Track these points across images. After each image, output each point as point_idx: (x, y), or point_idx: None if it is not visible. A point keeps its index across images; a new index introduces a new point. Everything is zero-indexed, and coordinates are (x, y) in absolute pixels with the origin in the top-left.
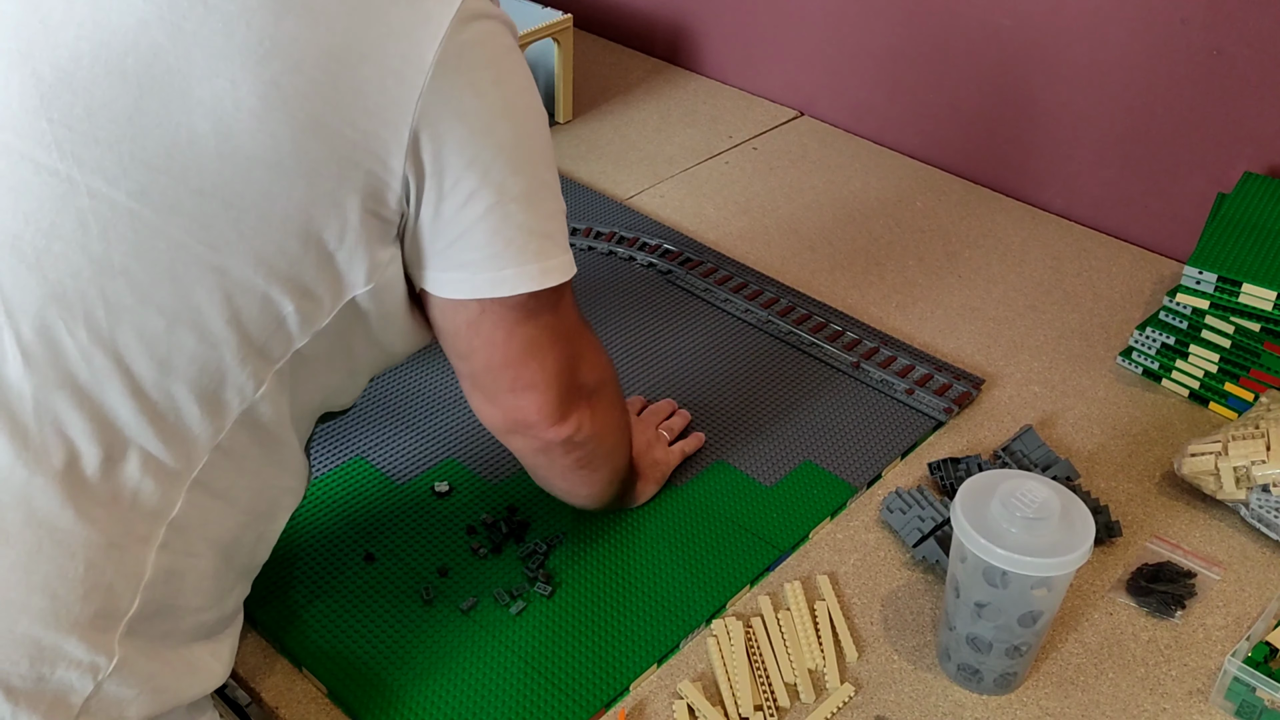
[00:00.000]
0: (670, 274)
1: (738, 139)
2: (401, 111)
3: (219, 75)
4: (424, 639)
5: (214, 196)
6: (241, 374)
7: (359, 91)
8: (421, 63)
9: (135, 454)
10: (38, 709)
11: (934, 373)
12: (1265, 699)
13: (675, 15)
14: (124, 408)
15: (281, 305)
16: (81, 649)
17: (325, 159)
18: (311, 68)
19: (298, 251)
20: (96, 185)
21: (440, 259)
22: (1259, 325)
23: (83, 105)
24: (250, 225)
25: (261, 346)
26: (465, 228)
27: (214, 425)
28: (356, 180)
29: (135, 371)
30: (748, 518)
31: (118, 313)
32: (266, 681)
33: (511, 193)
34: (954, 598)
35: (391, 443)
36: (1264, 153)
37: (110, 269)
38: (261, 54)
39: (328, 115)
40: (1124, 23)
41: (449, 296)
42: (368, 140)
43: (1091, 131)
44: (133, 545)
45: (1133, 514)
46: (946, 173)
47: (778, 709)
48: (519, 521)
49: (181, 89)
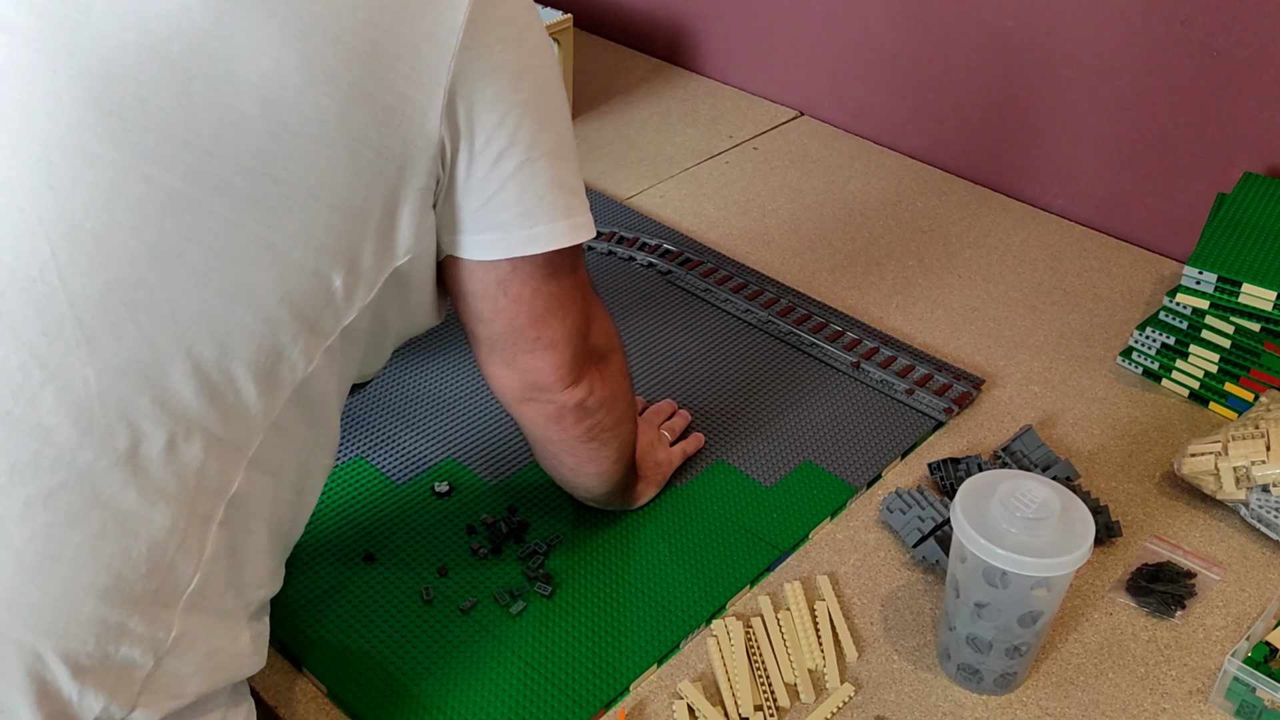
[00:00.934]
0: (670, 274)
1: (738, 139)
2: (436, 74)
3: (263, 54)
4: (424, 639)
5: (264, 174)
6: (294, 351)
7: (397, 56)
8: (453, 24)
9: (198, 435)
10: (104, 687)
11: (934, 373)
12: (1265, 699)
13: (675, 15)
14: (186, 389)
15: (331, 280)
16: (143, 625)
17: (366, 127)
18: (351, 36)
19: (343, 226)
20: (150, 171)
21: (473, 221)
22: (1259, 325)
23: (133, 95)
24: (299, 201)
25: (313, 323)
26: (497, 187)
27: (269, 403)
28: (396, 149)
29: (196, 353)
30: (748, 518)
31: (177, 296)
32: (266, 681)
33: (541, 148)
34: (954, 598)
35: (391, 443)
36: (1264, 153)
37: (168, 253)
38: (302, 29)
39: (368, 83)
40: (1124, 23)
41: (483, 259)
42: (405, 105)
43: (1092, 132)
44: (195, 524)
45: (1133, 514)
46: (946, 173)
47: (778, 709)
48: (519, 521)
49: (228, 71)
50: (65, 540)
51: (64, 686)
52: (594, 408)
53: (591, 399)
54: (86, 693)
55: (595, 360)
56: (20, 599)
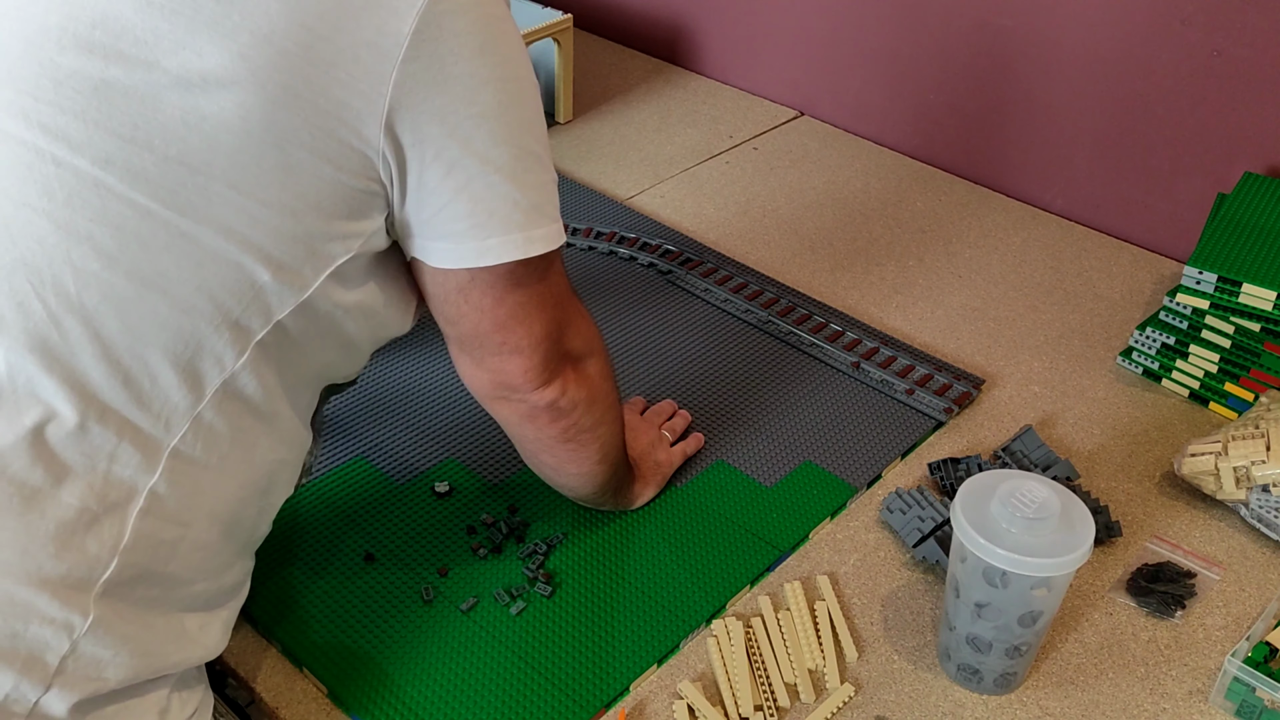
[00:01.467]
0: (670, 274)
1: (738, 139)
2: (376, 83)
3: (185, 47)
4: (424, 639)
5: (180, 163)
6: (219, 343)
7: (332, 63)
8: (398, 35)
9: (112, 418)
10: (13, 665)
11: (934, 373)
12: (1265, 699)
13: (675, 15)
14: (96, 371)
15: (256, 274)
16: (54, 606)
17: (297, 129)
18: (283, 39)
19: (271, 220)
20: (62, 154)
21: (426, 228)
22: (1259, 325)
23: (49, 76)
24: (218, 193)
25: (238, 316)
26: (449, 198)
27: (193, 394)
28: (331, 150)
29: (105, 336)
30: (748, 518)
31: (84, 278)
32: (267, 681)
33: (496, 163)
34: (954, 598)
35: (391, 443)
36: (1264, 153)
37: (76, 235)
38: (229, 27)
39: (299, 86)
40: (1124, 23)
41: (436, 265)
42: (341, 110)
43: (1092, 132)
44: (109, 508)
45: (1133, 514)
46: (946, 173)
47: (778, 709)
48: (519, 521)
49: (148, 60)
50: None
51: None
52: (567, 409)
53: (564, 400)
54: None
55: (570, 362)
56: None
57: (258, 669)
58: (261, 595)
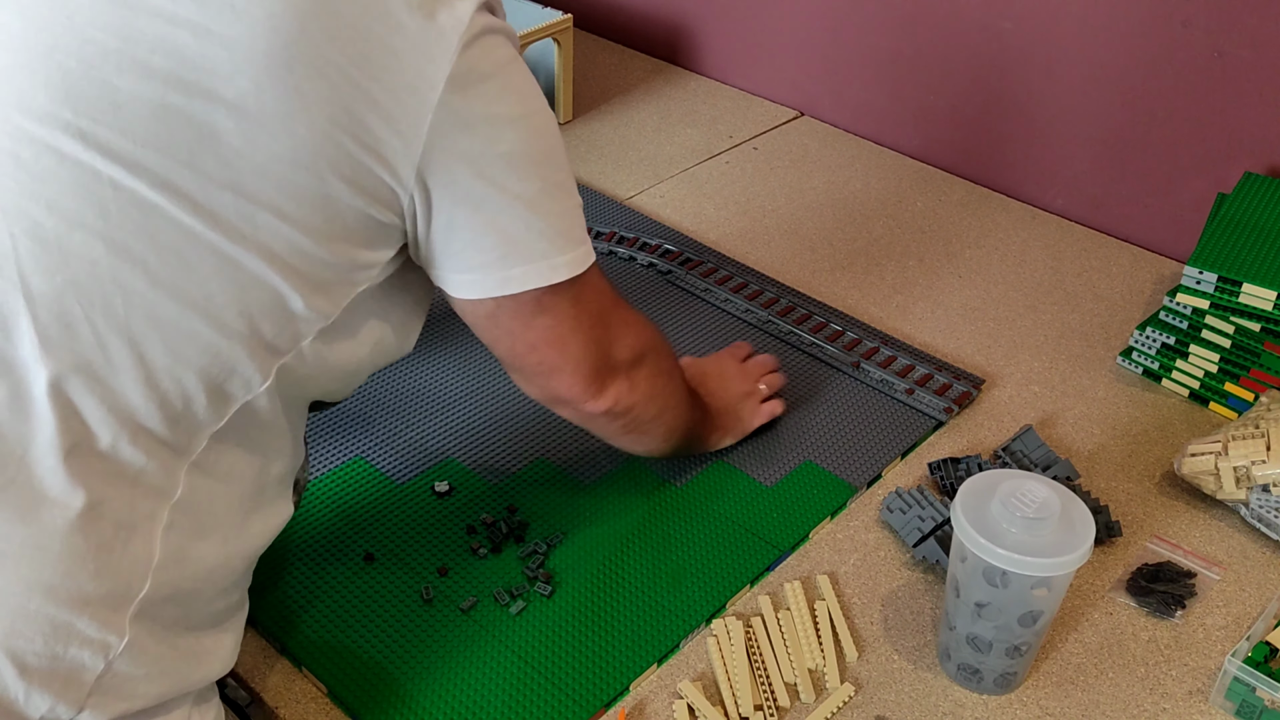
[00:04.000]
0: (670, 274)
1: (738, 139)
2: (415, 124)
3: (243, 75)
4: (424, 639)
5: (233, 191)
6: (250, 366)
7: (376, 102)
8: (435, 80)
9: (143, 438)
10: (51, 687)
11: (934, 373)
12: (1265, 699)
13: (675, 15)
14: (135, 393)
15: (291, 300)
16: (93, 627)
17: (339, 162)
18: (334, 74)
19: (308, 247)
20: (119, 177)
21: (453, 261)
22: (1259, 325)
23: (108, 99)
24: (264, 220)
25: (271, 340)
26: (475, 233)
27: (217, 413)
28: (366, 183)
29: (149, 358)
30: (748, 518)
31: (134, 301)
32: (266, 681)
33: (521, 197)
34: (954, 598)
35: (391, 443)
36: (1264, 153)
37: (129, 257)
38: (286, 59)
39: (346, 121)
40: (1124, 23)
41: (463, 296)
42: (380, 148)
43: (1092, 132)
44: (140, 525)
45: (1133, 514)
46: (946, 173)
47: (778, 709)
48: (519, 521)
49: (207, 89)
50: (10, 536)
51: (10, 684)
52: (622, 412)
53: (618, 406)
54: (33, 692)
55: (621, 371)
56: None
57: (257, 669)
58: (261, 595)
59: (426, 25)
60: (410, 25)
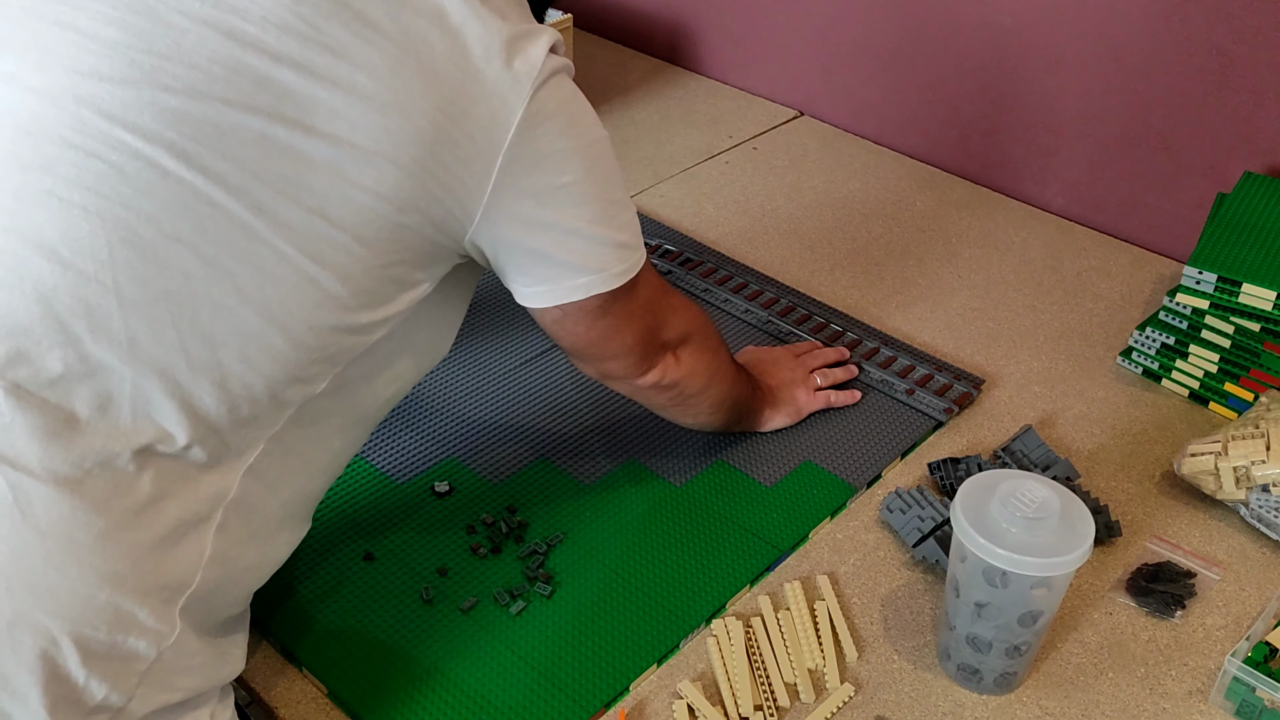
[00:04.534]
0: (670, 274)
1: (738, 139)
2: (487, 163)
3: (341, 116)
4: (424, 639)
5: (320, 216)
6: (309, 374)
7: (456, 143)
8: (508, 123)
9: (210, 441)
10: (108, 675)
11: (934, 373)
12: (1265, 699)
13: (675, 15)
14: (209, 398)
15: (358, 316)
16: (151, 618)
17: (417, 197)
18: (422, 118)
19: (379, 272)
20: (219, 197)
21: (522, 277)
22: (1259, 325)
23: (213, 124)
24: (344, 244)
25: (334, 353)
26: (542, 254)
27: (275, 418)
28: (437, 216)
29: (225, 366)
30: (748, 518)
31: (220, 313)
32: (266, 681)
33: (584, 218)
34: (954, 598)
35: (391, 443)
36: (1264, 153)
37: (221, 272)
38: (381, 102)
39: (428, 161)
40: (1124, 23)
41: (532, 305)
42: (455, 184)
43: (1092, 131)
44: (197, 523)
45: (1133, 514)
46: (946, 173)
47: (778, 709)
48: (519, 521)
49: (307, 125)
50: (88, 526)
51: (73, 671)
52: (669, 385)
53: (666, 379)
54: (92, 679)
55: (669, 349)
56: (40, 581)
57: (257, 669)
58: (261, 595)
59: (504, 73)
60: (489, 74)
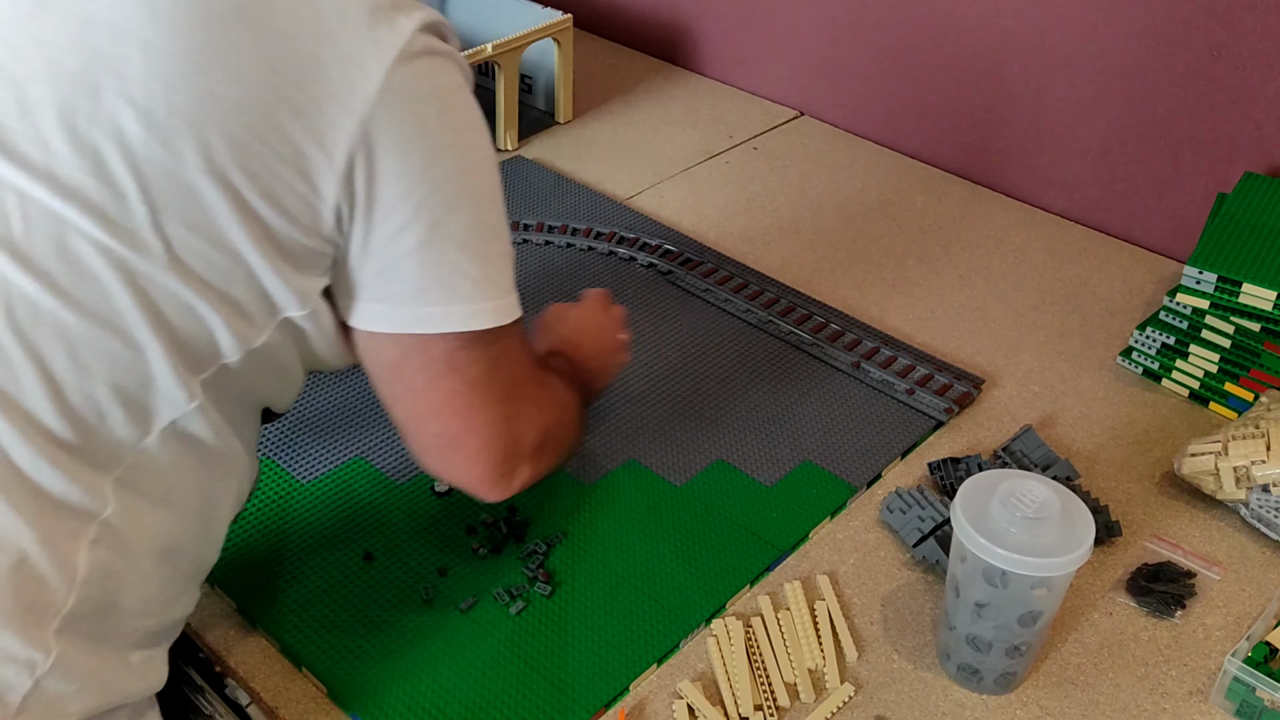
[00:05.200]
0: (670, 274)
1: (738, 139)
2: (338, 136)
3: (155, 78)
4: (424, 639)
5: (140, 201)
6: (170, 382)
7: (299, 111)
8: (365, 91)
9: (62, 454)
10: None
11: (934, 373)
12: (1265, 699)
13: (675, 15)
14: (45, 409)
15: (209, 318)
16: (16, 644)
17: (257, 174)
18: (253, 81)
19: (225, 265)
20: (21, 183)
21: (365, 290)
22: (1259, 325)
23: (15, 102)
24: (174, 231)
25: (190, 357)
26: (393, 260)
27: (139, 429)
28: (286, 201)
29: (54, 371)
30: (748, 518)
31: (38, 313)
32: (266, 681)
33: (446, 230)
34: (954, 597)
35: (391, 443)
36: (1264, 153)
37: (32, 269)
38: (201, 63)
39: (264, 130)
40: (1124, 22)
41: (370, 329)
42: (300, 159)
43: (1092, 131)
44: (64, 540)
45: (1133, 514)
46: (946, 173)
47: (778, 709)
48: (519, 521)
49: (117, 89)
50: None
51: None
52: (520, 489)
53: (526, 485)
54: None
55: (528, 456)
56: None
57: (257, 669)
58: (261, 595)
59: (360, 36)
60: (343, 36)
